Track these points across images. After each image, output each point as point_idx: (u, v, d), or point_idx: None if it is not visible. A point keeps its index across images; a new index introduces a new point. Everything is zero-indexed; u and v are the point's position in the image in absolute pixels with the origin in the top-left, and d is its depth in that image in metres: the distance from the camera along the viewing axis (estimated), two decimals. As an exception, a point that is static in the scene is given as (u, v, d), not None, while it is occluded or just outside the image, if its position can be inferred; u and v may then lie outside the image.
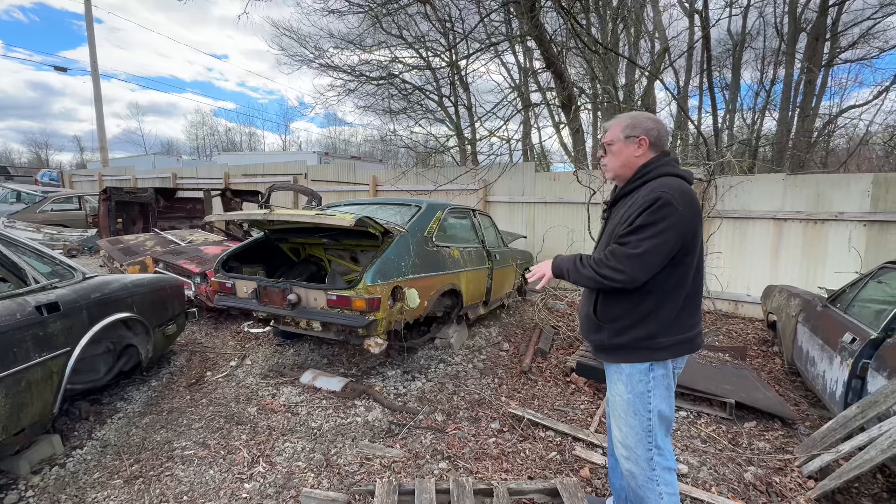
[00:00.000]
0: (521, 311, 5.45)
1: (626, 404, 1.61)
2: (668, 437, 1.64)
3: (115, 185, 12.57)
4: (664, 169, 1.55)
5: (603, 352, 1.66)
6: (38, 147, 46.52)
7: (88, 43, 15.51)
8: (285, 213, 3.33)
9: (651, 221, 1.42)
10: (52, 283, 2.48)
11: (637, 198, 1.51)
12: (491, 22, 10.63)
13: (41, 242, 7.83)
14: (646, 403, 1.57)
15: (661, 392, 1.58)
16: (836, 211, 5.08)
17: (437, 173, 7.83)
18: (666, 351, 1.55)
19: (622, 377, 1.61)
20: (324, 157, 16.94)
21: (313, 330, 3.31)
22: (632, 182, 1.59)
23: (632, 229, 1.45)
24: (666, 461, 1.61)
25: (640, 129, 1.58)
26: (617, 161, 1.62)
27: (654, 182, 1.51)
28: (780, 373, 3.88)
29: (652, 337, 1.53)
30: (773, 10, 12.53)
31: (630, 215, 1.48)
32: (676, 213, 1.41)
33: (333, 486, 2.23)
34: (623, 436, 1.64)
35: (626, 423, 1.62)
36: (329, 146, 37.68)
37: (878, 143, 12.56)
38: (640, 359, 1.56)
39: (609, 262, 1.46)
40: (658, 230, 1.41)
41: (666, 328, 1.53)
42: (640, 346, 1.55)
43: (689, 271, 1.51)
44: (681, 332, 1.55)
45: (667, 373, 1.58)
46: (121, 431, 2.71)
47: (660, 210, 1.41)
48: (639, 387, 1.57)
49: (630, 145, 1.59)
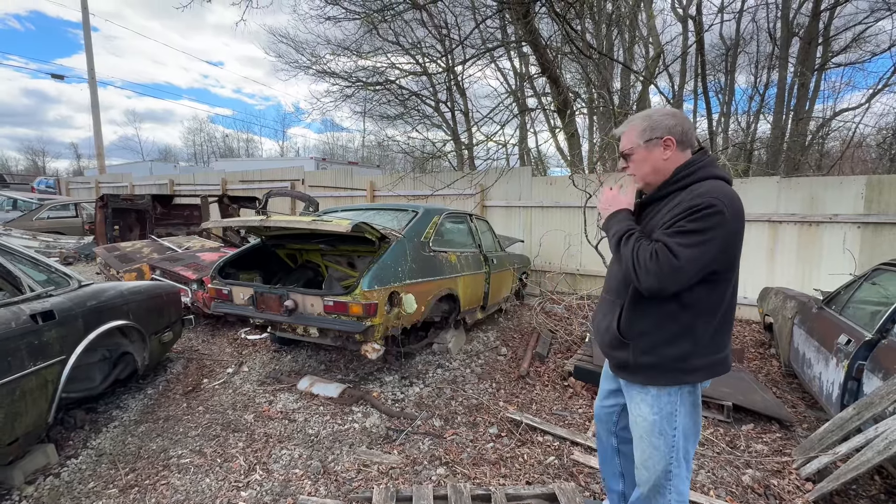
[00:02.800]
0: (519, 316, 5.46)
1: (650, 426, 1.47)
2: (692, 451, 1.52)
3: (112, 192, 12.57)
4: (709, 171, 1.40)
5: (626, 371, 1.50)
6: (35, 154, 46.48)
7: (86, 51, 15.52)
8: (282, 220, 3.33)
9: (699, 228, 1.27)
10: (48, 291, 2.47)
11: (679, 201, 1.36)
12: (486, 28, 10.69)
13: (37, 250, 7.80)
14: (672, 423, 1.45)
15: (688, 409, 1.46)
16: (830, 213, 5.11)
17: (434, 178, 7.85)
18: (699, 373, 1.41)
19: (647, 398, 1.46)
20: (321, 162, 16.97)
21: (310, 336, 3.31)
22: (669, 185, 1.44)
23: (679, 232, 1.29)
24: (683, 472, 1.50)
25: (661, 129, 1.43)
26: (645, 168, 1.47)
27: (702, 185, 1.36)
28: (777, 375, 3.89)
29: (685, 358, 1.38)
30: (766, 15, 12.66)
31: (673, 217, 1.33)
32: (725, 225, 1.27)
33: (331, 493, 2.21)
34: (645, 457, 1.51)
35: (650, 444, 1.48)
36: (326, 152, 37.73)
37: (871, 145, 12.67)
38: (670, 382, 1.42)
39: (649, 265, 1.29)
40: (703, 239, 1.27)
41: (701, 348, 1.39)
42: (672, 368, 1.40)
43: (729, 287, 1.38)
44: (715, 353, 1.41)
45: (694, 390, 1.46)
46: (116, 440, 2.69)
47: (709, 218, 1.27)
48: (666, 408, 1.44)
49: (655, 149, 1.44)
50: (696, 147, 1.49)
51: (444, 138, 14.79)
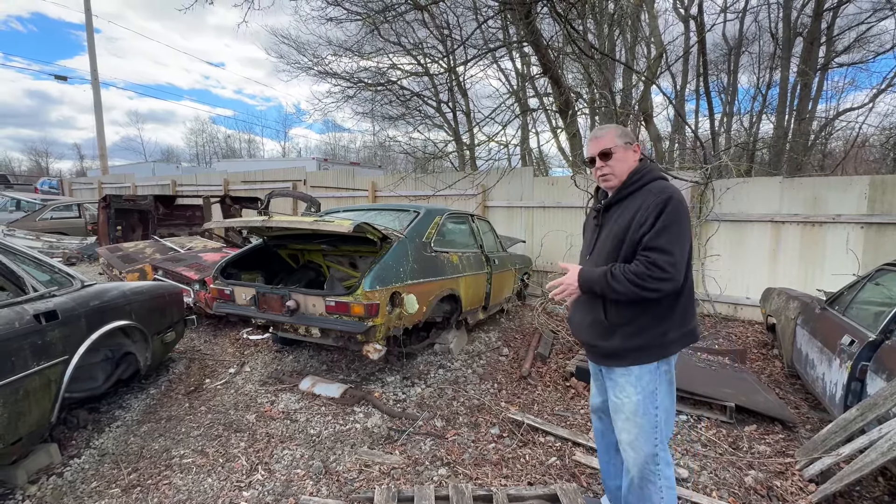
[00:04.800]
0: (521, 316, 5.45)
1: (634, 406, 1.59)
2: (670, 434, 1.63)
3: (115, 192, 12.60)
4: (657, 172, 1.64)
5: (614, 357, 1.62)
6: (39, 155, 46.70)
7: (89, 52, 15.59)
8: (284, 220, 3.34)
9: (674, 220, 1.46)
10: (51, 291, 2.48)
11: (642, 200, 1.54)
12: (488, 28, 10.71)
13: (40, 250, 7.83)
14: (654, 401, 1.57)
15: (665, 387, 1.59)
16: (833, 213, 5.10)
17: (436, 179, 7.85)
18: (675, 345, 1.57)
19: (630, 379, 1.59)
20: (323, 163, 16.99)
21: (312, 336, 3.31)
22: (628, 187, 1.62)
23: (657, 232, 1.46)
24: (666, 455, 1.62)
25: (630, 136, 1.66)
26: (623, 167, 1.64)
27: (655, 184, 1.56)
28: (780, 375, 3.87)
29: (664, 334, 1.54)
30: (768, 15, 12.65)
31: (646, 218, 1.49)
32: (685, 210, 1.50)
33: (332, 493, 2.22)
34: (632, 438, 1.61)
35: (636, 424, 1.59)
36: (328, 152, 37.79)
37: (874, 145, 12.63)
38: (651, 358, 1.56)
39: (654, 274, 1.43)
40: (682, 228, 1.47)
41: (675, 323, 1.55)
42: (653, 345, 1.55)
43: (689, 262, 1.55)
44: (684, 325, 1.58)
45: (670, 367, 1.60)
46: (119, 440, 2.70)
47: (677, 210, 1.47)
48: (648, 386, 1.57)
49: (629, 151, 1.65)
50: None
51: (445, 139, 14.79)
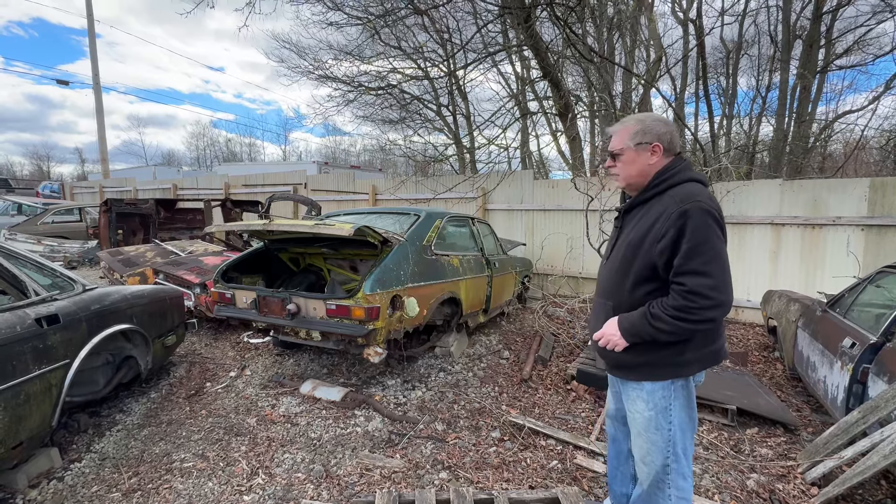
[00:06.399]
0: (522, 319, 5.45)
1: (646, 421, 1.53)
2: (690, 446, 1.55)
3: (116, 196, 12.63)
4: (685, 174, 1.46)
5: (623, 369, 1.57)
6: (40, 159, 46.82)
7: (90, 57, 15.69)
8: (285, 223, 3.34)
9: (702, 237, 1.32)
10: (52, 295, 2.49)
11: (662, 207, 1.42)
12: (488, 32, 10.74)
13: (42, 254, 7.85)
14: (667, 417, 1.50)
15: (682, 402, 1.50)
16: (833, 215, 5.10)
17: (436, 182, 7.86)
18: (693, 366, 1.47)
19: (642, 394, 1.52)
20: (323, 166, 17.01)
21: (313, 339, 3.31)
22: (650, 189, 1.50)
23: (686, 254, 1.33)
24: (682, 468, 1.54)
25: (651, 134, 1.49)
26: (631, 170, 1.53)
27: (678, 190, 1.43)
28: (782, 378, 3.86)
29: (680, 353, 1.44)
30: (767, 19, 12.68)
31: (663, 233, 1.37)
32: (715, 219, 1.35)
33: (333, 497, 2.21)
34: (643, 453, 1.56)
35: (648, 439, 1.54)
36: (328, 156, 37.90)
37: (874, 147, 12.64)
38: (663, 376, 1.48)
39: (696, 304, 1.32)
40: (714, 243, 1.33)
41: (696, 342, 1.44)
42: (666, 363, 1.46)
43: None
44: (707, 345, 1.46)
45: (687, 384, 1.51)
46: (119, 444, 2.69)
47: (703, 223, 1.33)
48: (661, 403, 1.50)
49: (643, 153, 1.50)
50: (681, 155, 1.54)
51: (446, 142, 14.83)
